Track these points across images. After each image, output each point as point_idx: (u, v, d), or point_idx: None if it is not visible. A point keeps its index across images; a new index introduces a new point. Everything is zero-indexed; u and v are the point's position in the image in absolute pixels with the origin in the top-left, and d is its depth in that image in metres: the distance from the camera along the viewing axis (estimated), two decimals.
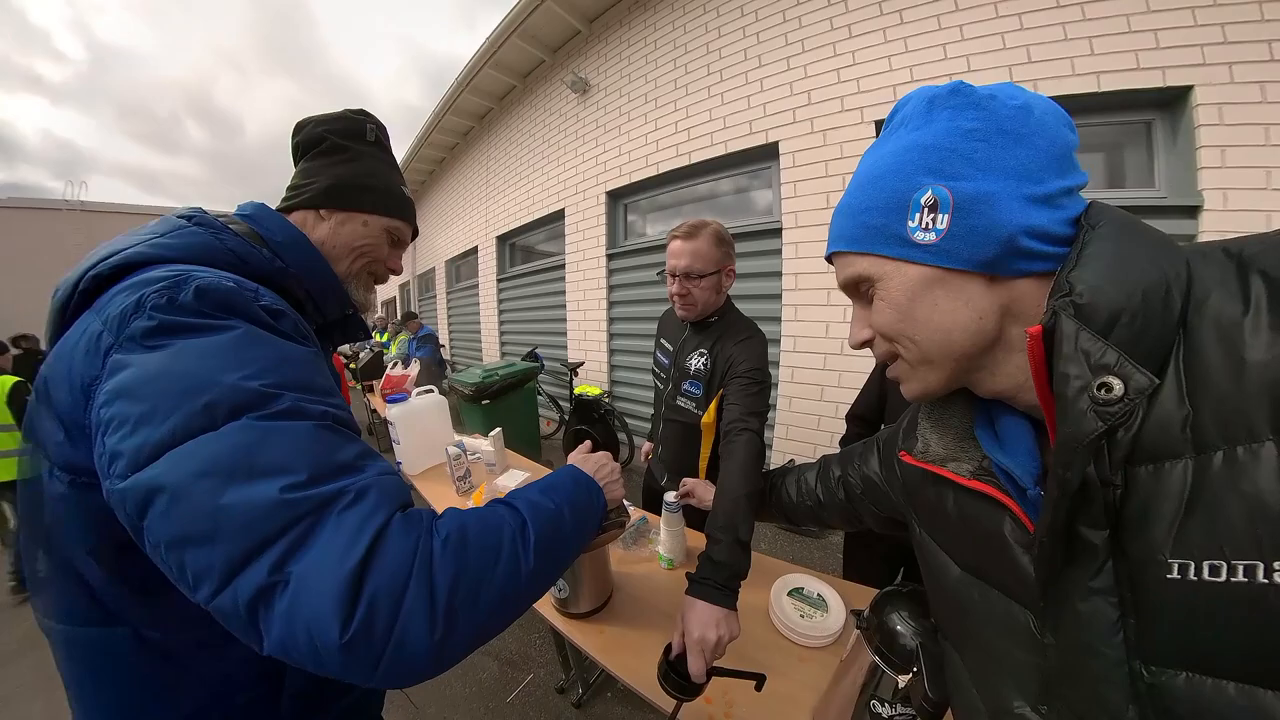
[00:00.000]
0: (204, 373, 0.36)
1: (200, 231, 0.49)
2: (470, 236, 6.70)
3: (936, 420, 0.49)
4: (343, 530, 0.34)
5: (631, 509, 1.48)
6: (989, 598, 0.42)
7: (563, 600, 1.06)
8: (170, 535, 0.33)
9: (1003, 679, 0.41)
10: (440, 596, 0.35)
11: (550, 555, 0.46)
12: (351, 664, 0.32)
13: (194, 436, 0.34)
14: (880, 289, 0.39)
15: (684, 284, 1.13)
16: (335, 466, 0.37)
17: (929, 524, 0.52)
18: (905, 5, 2.47)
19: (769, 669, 0.88)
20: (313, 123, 0.65)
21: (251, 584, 0.31)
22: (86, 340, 0.39)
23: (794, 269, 2.93)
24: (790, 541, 2.80)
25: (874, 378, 1.39)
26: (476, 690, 1.77)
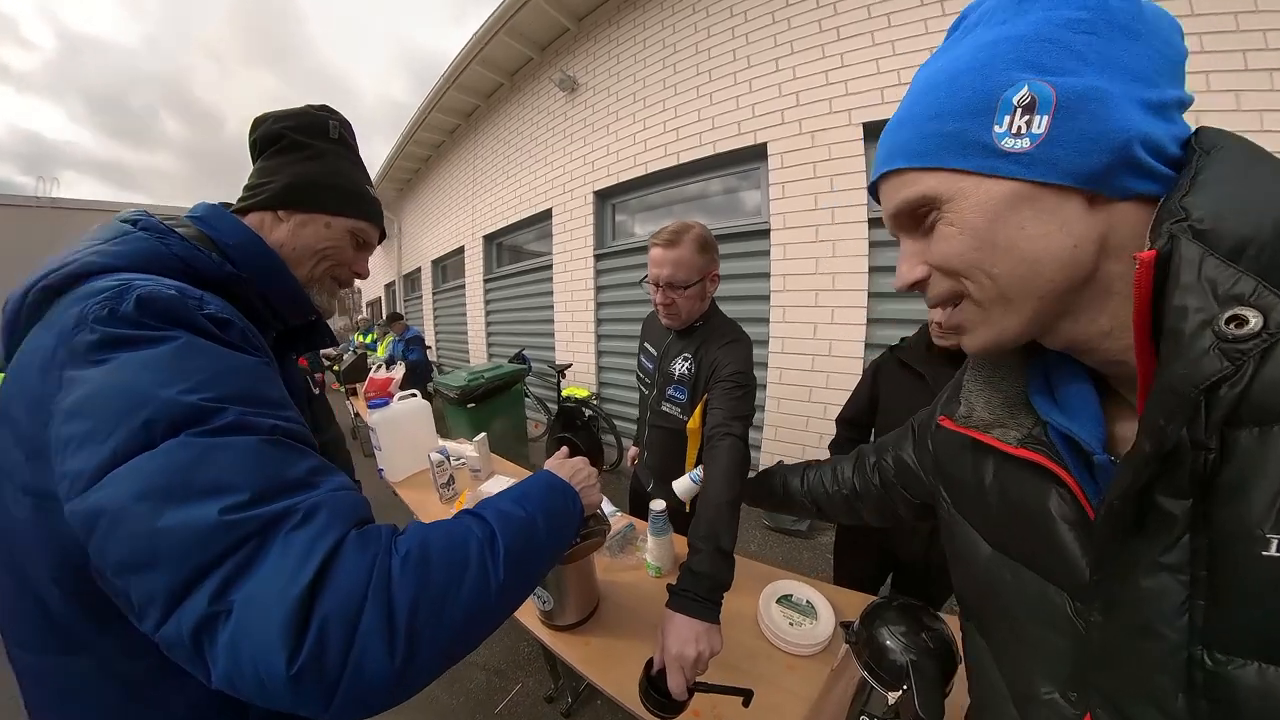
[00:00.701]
0: (142, 387, 0.34)
1: (145, 237, 0.47)
2: (457, 236, 6.61)
3: (986, 381, 0.45)
4: (290, 552, 0.32)
5: (620, 515, 1.45)
6: (1021, 578, 0.39)
7: (547, 612, 1.02)
8: (114, 561, 0.31)
9: (1031, 663, 0.39)
10: (400, 618, 0.33)
11: (523, 567, 0.44)
12: (302, 696, 0.30)
13: (133, 456, 0.32)
14: (950, 211, 0.32)
15: (667, 293, 1.10)
16: (283, 484, 0.35)
17: (960, 501, 0.49)
18: (893, 9, 2.48)
19: (758, 678, 0.87)
20: (271, 118, 0.60)
21: (193, 614, 0.30)
22: (40, 357, 0.38)
23: (782, 270, 2.92)
24: (780, 542, 2.79)
25: (864, 382, 1.37)
26: (465, 701, 1.74)
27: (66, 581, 0.39)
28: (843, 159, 2.64)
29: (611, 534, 1.30)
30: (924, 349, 1.17)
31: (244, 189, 0.60)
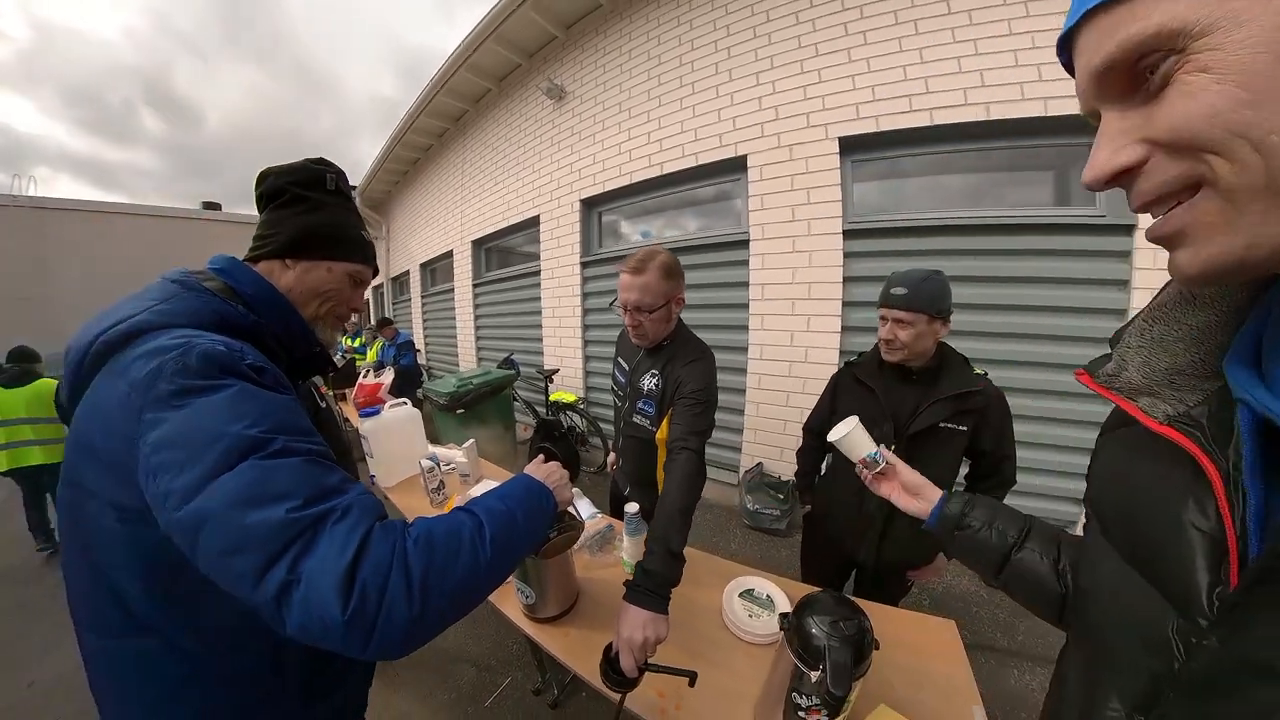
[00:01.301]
0: (217, 425, 0.46)
1: (189, 296, 0.58)
2: (445, 240, 6.63)
3: (1157, 339, 0.36)
4: (336, 539, 0.44)
5: (600, 517, 1.52)
6: (1130, 589, 0.35)
7: (530, 606, 1.11)
8: (217, 549, 0.43)
9: (1110, 678, 0.36)
10: (415, 583, 0.45)
11: (505, 549, 0.55)
12: (351, 637, 0.41)
13: (219, 475, 0.44)
14: (1206, 51, 0.22)
15: (635, 316, 1.20)
16: (324, 490, 0.47)
17: (1096, 499, 0.43)
18: (869, 27, 2.58)
19: (719, 665, 0.98)
20: (274, 174, 0.69)
21: (275, 582, 0.41)
22: (117, 401, 0.48)
23: (760, 279, 3.02)
24: (759, 540, 2.89)
25: (825, 394, 1.47)
26: (456, 696, 1.81)
27: (147, 576, 0.50)
28: (819, 172, 2.74)
29: (591, 534, 1.39)
30: (875, 365, 1.27)
31: (254, 239, 0.69)
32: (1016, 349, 2.46)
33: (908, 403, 1.19)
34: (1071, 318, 2.36)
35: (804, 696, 0.69)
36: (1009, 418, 1.22)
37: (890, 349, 1.18)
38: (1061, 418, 2.42)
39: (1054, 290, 2.38)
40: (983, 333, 2.51)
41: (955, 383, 1.17)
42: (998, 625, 2.13)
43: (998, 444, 1.22)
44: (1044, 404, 2.44)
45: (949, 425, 1.16)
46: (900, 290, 1.13)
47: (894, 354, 1.18)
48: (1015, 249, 2.43)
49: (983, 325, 2.50)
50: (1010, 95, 2.32)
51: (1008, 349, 2.47)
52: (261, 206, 0.69)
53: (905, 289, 1.12)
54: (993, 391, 1.19)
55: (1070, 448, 2.43)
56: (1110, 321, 2.29)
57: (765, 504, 2.89)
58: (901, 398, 1.21)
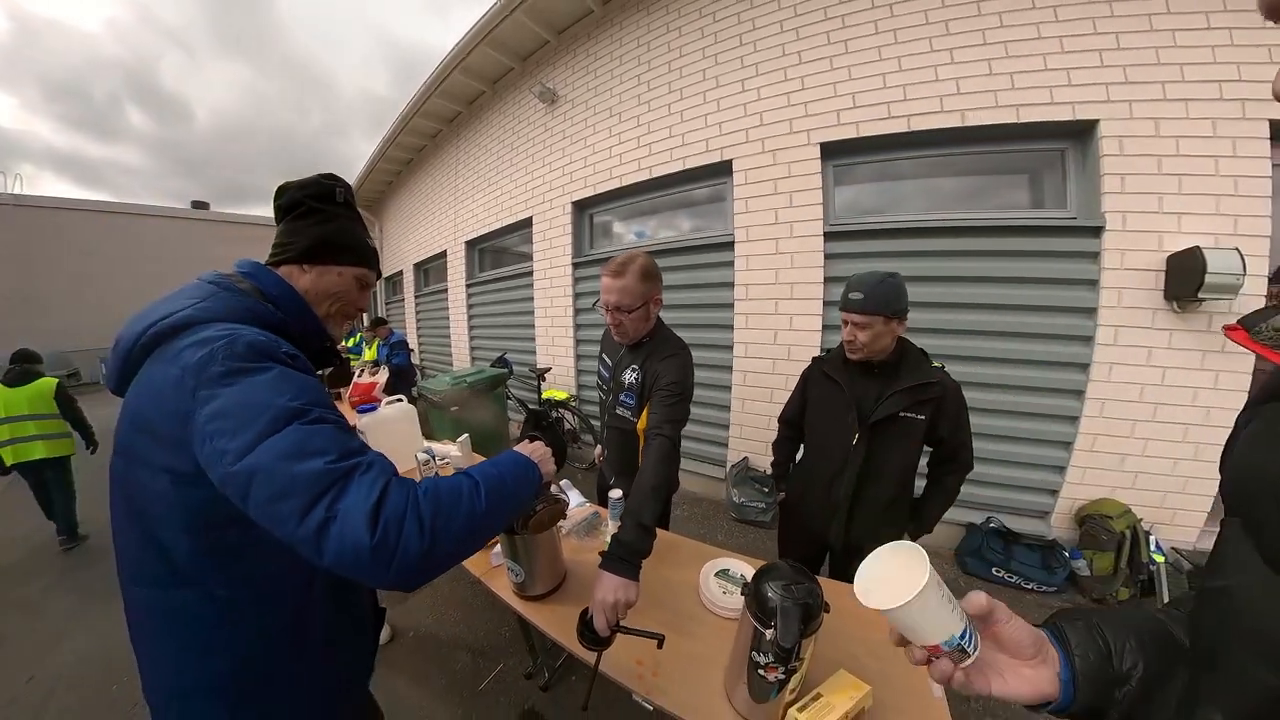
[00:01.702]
0: (266, 399, 0.55)
1: (226, 295, 0.67)
2: (439, 240, 6.68)
3: None
4: (364, 485, 0.53)
5: (587, 505, 1.60)
6: (1272, 602, 0.30)
7: (520, 584, 1.19)
8: (267, 495, 0.51)
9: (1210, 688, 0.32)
10: (426, 523, 0.54)
11: (497, 504, 0.65)
12: (377, 561, 0.51)
13: (269, 437, 0.53)
14: None
15: (616, 315, 1.29)
16: (351, 450, 0.56)
17: (1239, 496, 0.37)
18: (850, 36, 2.68)
19: (694, 636, 1.08)
20: (293, 188, 0.78)
21: (316, 519, 0.50)
22: (171, 383, 0.57)
23: (745, 280, 3.12)
24: (745, 532, 2.99)
25: (797, 387, 1.57)
26: (451, 681, 1.88)
27: (194, 531, 0.59)
28: (801, 176, 2.84)
29: (579, 520, 1.47)
30: (841, 360, 1.37)
31: (274, 246, 0.78)
32: (991, 346, 2.58)
33: (870, 394, 1.29)
34: (1042, 315, 2.48)
35: (762, 654, 0.77)
36: (964, 407, 1.31)
37: (852, 349, 1.27)
38: (1034, 412, 2.54)
39: (1026, 289, 2.49)
40: (958, 330, 2.62)
41: (913, 375, 1.26)
42: None
43: (954, 432, 1.31)
44: (1020, 399, 2.55)
45: (908, 414, 1.26)
46: (857, 295, 1.21)
47: (855, 353, 1.27)
48: (989, 250, 2.54)
49: (959, 323, 2.62)
50: (984, 103, 2.42)
51: (982, 346, 2.59)
52: (280, 217, 0.78)
53: (862, 294, 1.20)
54: (949, 383, 1.28)
55: (1045, 440, 2.55)
56: (1079, 320, 2.40)
57: (751, 497, 2.97)
58: (865, 390, 1.30)
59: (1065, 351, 2.45)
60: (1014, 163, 2.62)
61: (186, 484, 0.57)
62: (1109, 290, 2.30)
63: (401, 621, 2.20)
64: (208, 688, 0.63)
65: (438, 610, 2.29)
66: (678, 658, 1.01)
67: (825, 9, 2.74)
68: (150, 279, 13.30)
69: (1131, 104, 2.20)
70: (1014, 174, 2.66)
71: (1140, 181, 2.23)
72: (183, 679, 0.63)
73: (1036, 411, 2.53)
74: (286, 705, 0.68)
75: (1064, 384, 2.47)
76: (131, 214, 13.77)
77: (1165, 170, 2.19)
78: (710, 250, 3.34)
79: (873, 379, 1.30)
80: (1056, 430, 2.51)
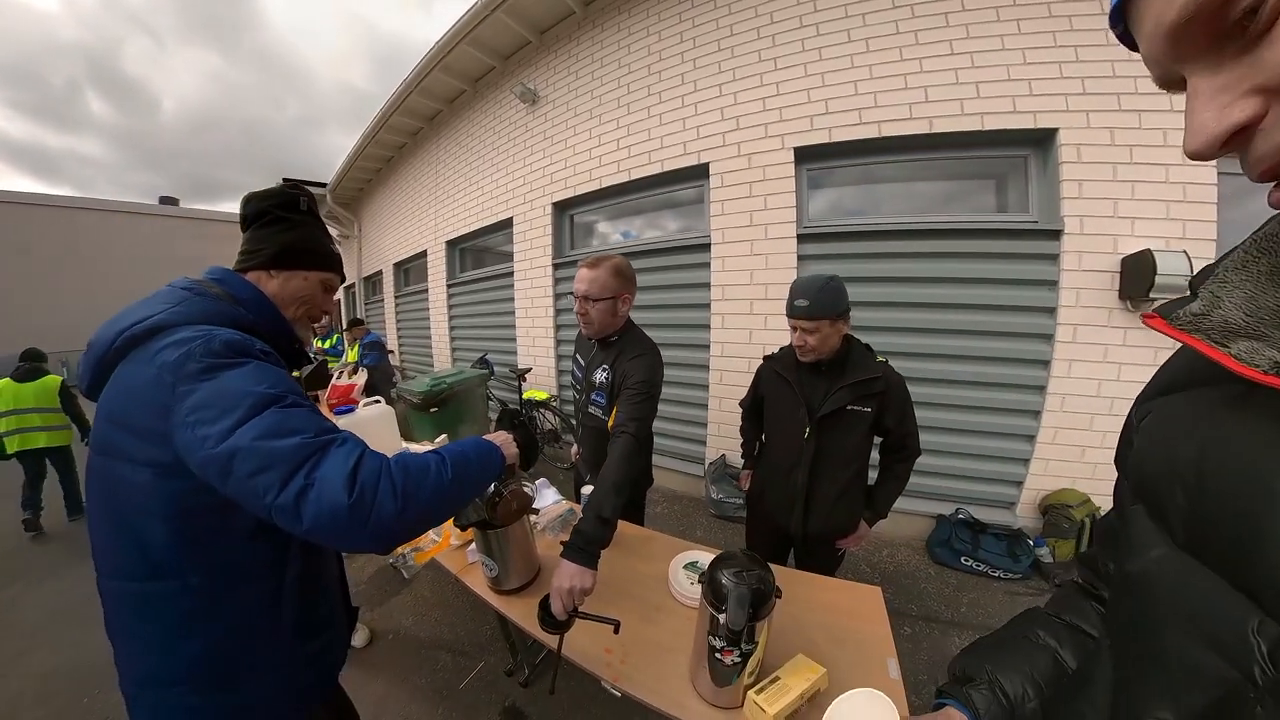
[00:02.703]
0: (245, 388, 0.60)
1: (199, 300, 0.70)
2: (419, 240, 6.61)
3: (1268, 272, 0.30)
4: (340, 454, 0.59)
5: (563, 502, 1.63)
6: (1195, 584, 0.31)
7: (494, 579, 1.22)
8: (249, 470, 0.55)
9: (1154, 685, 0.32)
10: (398, 489, 0.60)
11: (461, 477, 0.71)
12: (354, 520, 0.55)
13: (250, 420, 0.57)
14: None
15: (583, 305, 1.34)
16: (325, 429, 0.62)
17: (1144, 484, 0.39)
18: (824, 44, 2.75)
19: (662, 625, 1.12)
20: (257, 198, 0.82)
21: (296, 486, 0.55)
22: (149, 382, 0.60)
23: (720, 281, 3.18)
24: (723, 527, 3.04)
25: (754, 383, 1.63)
26: (432, 680, 1.88)
27: (172, 520, 0.62)
28: (775, 180, 2.90)
29: (553, 517, 1.50)
30: (791, 359, 1.42)
31: (241, 254, 0.81)
32: (958, 344, 2.68)
33: (818, 390, 1.36)
34: (1006, 314, 2.59)
35: (717, 638, 0.81)
36: (908, 399, 1.39)
37: (803, 353, 1.33)
38: (999, 407, 2.65)
39: (991, 290, 2.59)
40: (927, 329, 2.72)
41: (858, 371, 1.33)
42: (942, 599, 2.32)
43: (900, 422, 1.38)
44: (986, 395, 2.66)
45: (854, 408, 1.33)
46: (803, 302, 1.25)
47: (806, 356, 1.33)
48: (956, 252, 2.64)
49: (927, 322, 2.71)
50: (951, 110, 2.51)
51: (950, 344, 2.69)
52: (246, 225, 0.82)
53: (807, 300, 1.25)
54: (893, 377, 1.35)
55: (1010, 434, 2.65)
56: (1041, 319, 2.51)
57: (729, 493, 3.03)
58: (813, 386, 1.37)
59: (1028, 349, 2.56)
60: (980, 168, 2.72)
61: (167, 475, 0.60)
62: (1068, 290, 2.42)
63: (381, 624, 2.19)
64: (183, 675, 0.65)
65: (418, 612, 2.28)
66: (646, 646, 1.05)
67: (800, 17, 2.81)
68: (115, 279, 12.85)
69: (1089, 114, 2.31)
70: (980, 179, 2.76)
71: (1097, 188, 2.34)
72: (158, 667, 0.66)
73: (1001, 407, 2.64)
74: (258, 692, 0.71)
75: (1027, 380, 2.57)
76: (94, 209, 13.28)
77: (1120, 177, 2.30)
78: (687, 251, 3.38)
79: (820, 376, 1.36)
80: (1020, 424, 2.62)
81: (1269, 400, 0.28)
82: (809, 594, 1.21)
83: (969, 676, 0.52)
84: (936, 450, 2.76)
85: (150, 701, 0.67)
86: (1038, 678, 0.48)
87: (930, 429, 2.73)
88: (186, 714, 0.66)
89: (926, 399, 2.74)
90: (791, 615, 1.10)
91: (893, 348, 2.73)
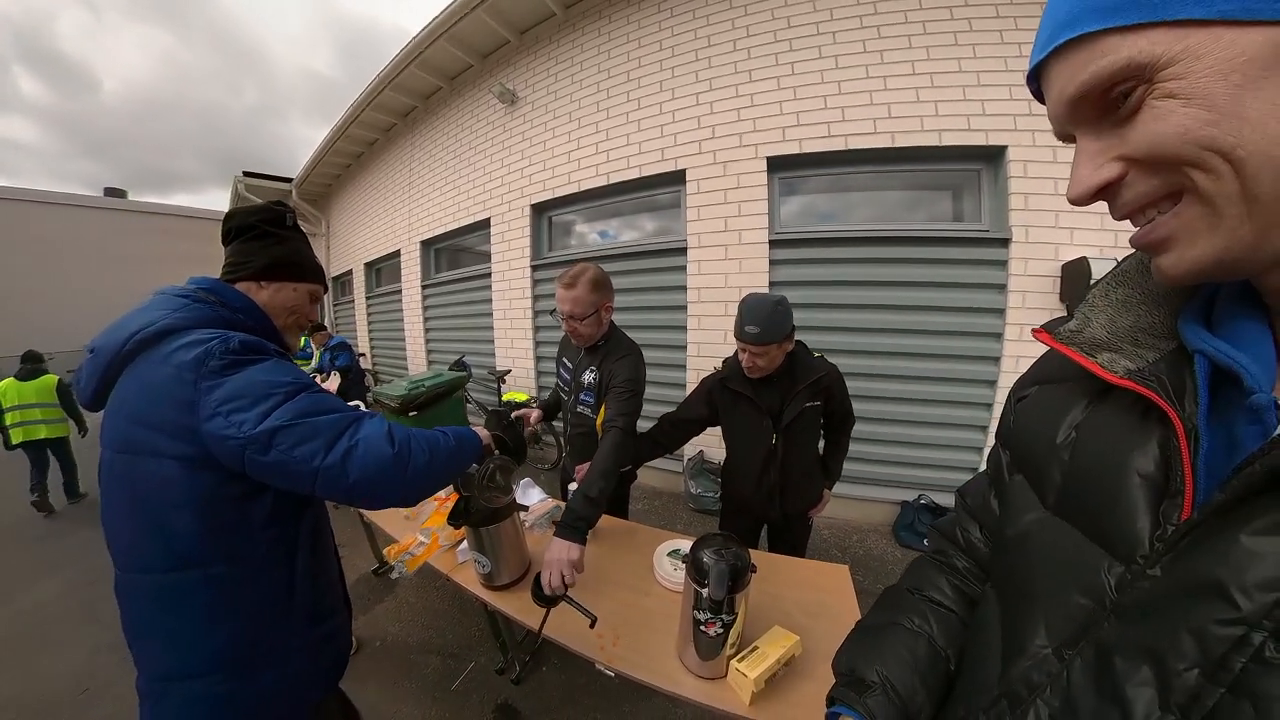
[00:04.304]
0: (274, 378, 0.69)
1: (198, 307, 0.75)
2: (392, 239, 6.47)
3: (1121, 301, 0.39)
4: (373, 422, 0.72)
5: (549, 500, 1.69)
6: (1062, 536, 0.38)
7: (486, 575, 1.26)
8: (292, 441, 0.64)
9: (1036, 619, 0.37)
10: (423, 443, 0.76)
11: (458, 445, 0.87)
12: (398, 467, 0.70)
13: (286, 402, 0.67)
14: (1172, 80, 0.25)
15: (570, 323, 1.43)
16: (351, 406, 0.75)
17: (1024, 459, 0.46)
18: (797, 59, 2.90)
19: (649, 609, 1.20)
20: (243, 213, 0.87)
21: (342, 448, 0.67)
22: (168, 380, 0.65)
23: (697, 284, 3.29)
24: (701, 520, 3.15)
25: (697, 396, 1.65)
26: (422, 684, 1.87)
27: (199, 510, 0.66)
28: (749, 187, 3.03)
29: (541, 514, 1.56)
30: (742, 377, 1.48)
31: (230, 264, 0.85)
32: (917, 343, 2.87)
33: (776, 398, 1.47)
34: (961, 315, 2.79)
35: (700, 612, 0.90)
36: (844, 383, 1.54)
37: (752, 372, 1.41)
38: (955, 400, 2.85)
39: (947, 292, 2.79)
40: (888, 329, 2.91)
41: (807, 374, 1.45)
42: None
43: (841, 403, 1.56)
44: (943, 389, 2.87)
45: (810, 405, 1.47)
46: (754, 329, 1.31)
47: (756, 374, 1.42)
48: (916, 258, 2.83)
49: (889, 323, 2.90)
50: (912, 126, 2.69)
51: (910, 343, 2.88)
52: (230, 239, 0.86)
53: (757, 328, 1.31)
54: (832, 370, 1.49)
55: (965, 425, 2.86)
56: (991, 319, 2.72)
57: (706, 488, 3.14)
58: (771, 398, 1.47)
59: (980, 347, 2.77)
60: (938, 180, 2.91)
61: (196, 467, 0.65)
62: (1015, 294, 2.64)
63: (367, 632, 2.15)
64: (208, 666, 0.69)
65: (404, 617, 2.26)
66: (634, 629, 1.13)
67: (775, 32, 2.94)
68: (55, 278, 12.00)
69: (1034, 133, 2.52)
70: (938, 190, 2.96)
71: (1040, 200, 2.56)
72: (184, 661, 0.69)
73: (957, 400, 2.84)
74: (278, 678, 0.75)
75: (980, 375, 2.79)
76: (28, 201, 12.28)
77: (1061, 191, 2.51)
78: (665, 255, 3.48)
79: (775, 386, 1.47)
80: (974, 416, 2.83)
81: (1123, 397, 0.37)
82: (783, 573, 1.32)
83: (859, 678, 0.53)
84: (900, 441, 2.95)
85: (177, 695, 0.69)
86: (921, 667, 0.51)
87: (893, 421, 2.94)
88: (214, 704, 0.69)
89: (889, 394, 2.93)
90: (767, 593, 1.20)
91: (858, 347, 2.92)
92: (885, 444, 2.97)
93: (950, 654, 0.53)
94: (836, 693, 0.54)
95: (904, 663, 0.52)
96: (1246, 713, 0.23)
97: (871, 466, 3.00)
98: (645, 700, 1.68)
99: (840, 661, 0.57)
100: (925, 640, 0.53)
